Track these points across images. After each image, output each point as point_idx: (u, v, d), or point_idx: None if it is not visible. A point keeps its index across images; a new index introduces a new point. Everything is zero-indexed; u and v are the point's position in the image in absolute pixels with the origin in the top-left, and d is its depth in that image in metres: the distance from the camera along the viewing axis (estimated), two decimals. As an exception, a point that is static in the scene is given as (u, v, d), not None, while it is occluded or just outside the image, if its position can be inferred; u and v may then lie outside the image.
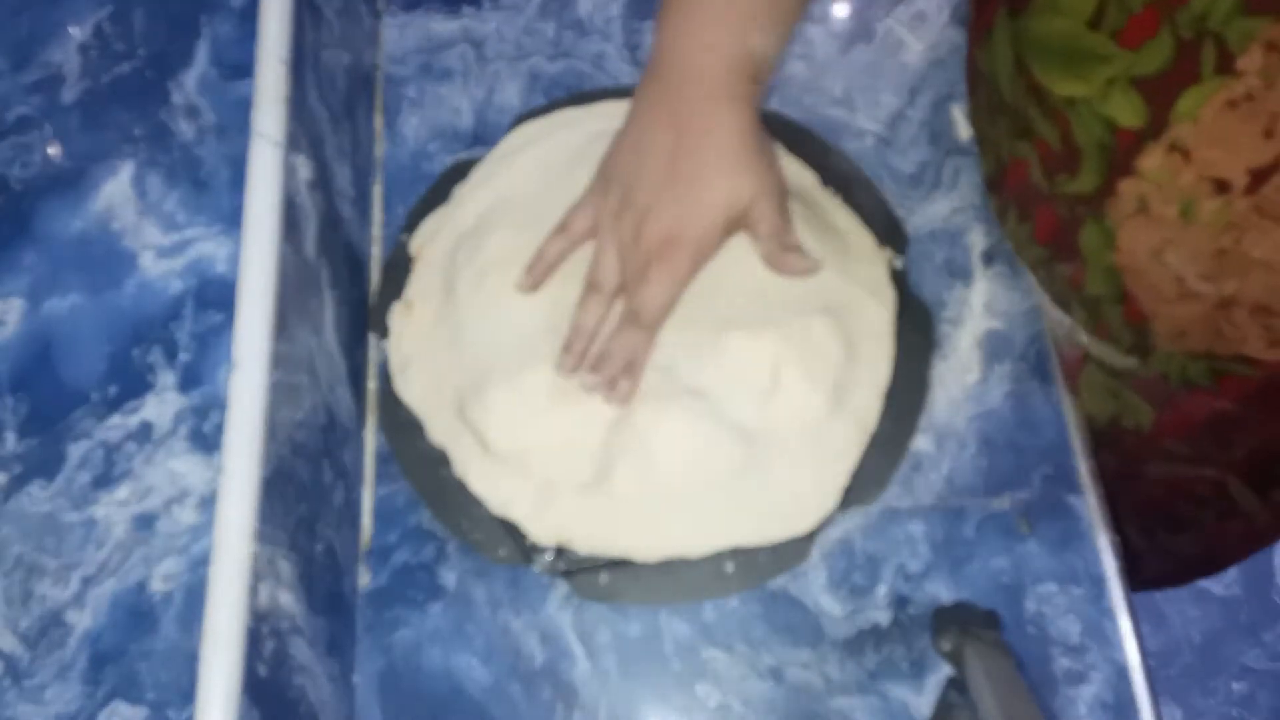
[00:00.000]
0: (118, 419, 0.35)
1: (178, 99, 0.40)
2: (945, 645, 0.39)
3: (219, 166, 0.39)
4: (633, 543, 0.42)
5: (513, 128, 0.50)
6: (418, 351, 0.46)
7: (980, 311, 0.47)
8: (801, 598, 0.42)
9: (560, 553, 0.42)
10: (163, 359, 0.36)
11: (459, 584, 0.43)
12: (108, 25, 0.42)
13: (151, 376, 0.35)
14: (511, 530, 0.42)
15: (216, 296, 0.36)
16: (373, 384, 0.47)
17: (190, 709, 0.31)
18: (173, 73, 0.41)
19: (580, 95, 0.52)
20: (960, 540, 0.43)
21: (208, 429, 0.34)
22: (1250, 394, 0.40)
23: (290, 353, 0.38)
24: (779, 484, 0.42)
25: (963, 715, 0.38)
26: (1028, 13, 0.35)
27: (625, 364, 0.42)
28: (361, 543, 0.44)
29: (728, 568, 0.42)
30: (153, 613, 0.32)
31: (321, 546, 0.39)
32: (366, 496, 0.45)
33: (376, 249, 0.50)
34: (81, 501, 0.34)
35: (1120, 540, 0.43)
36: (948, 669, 0.40)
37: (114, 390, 0.35)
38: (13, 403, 0.35)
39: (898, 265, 0.47)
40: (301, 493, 0.38)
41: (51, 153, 0.39)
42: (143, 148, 0.39)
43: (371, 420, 0.46)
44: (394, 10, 0.55)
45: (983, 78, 0.42)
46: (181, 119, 0.40)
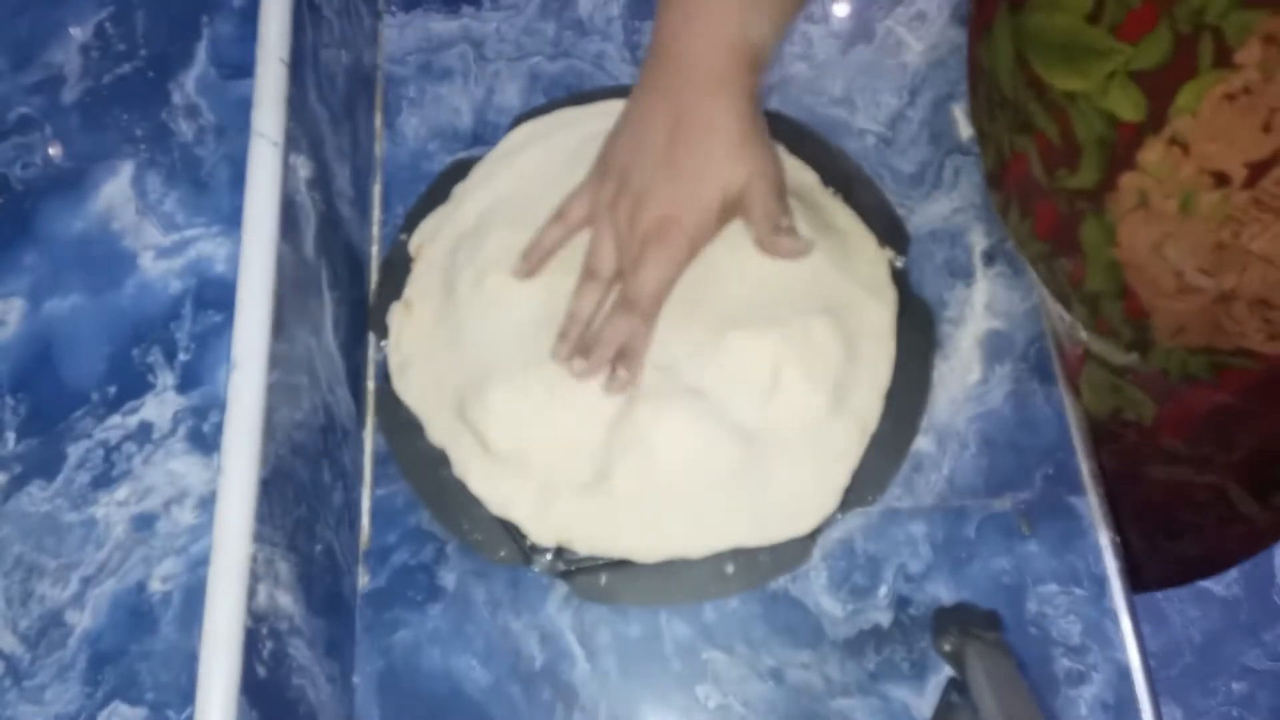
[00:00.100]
0: (117, 419, 0.35)
1: (178, 99, 0.40)
2: (946, 646, 0.39)
3: (219, 166, 0.39)
4: (633, 543, 0.42)
5: (513, 127, 0.50)
6: (417, 351, 0.46)
7: (981, 311, 0.47)
8: (802, 598, 0.42)
9: (560, 553, 0.42)
10: (162, 359, 0.36)
11: (458, 585, 0.43)
12: (108, 25, 0.42)
13: (151, 377, 0.35)
14: (511, 531, 0.42)
15: (216, 296, 0.36)
16: (372, 384, 0.47)
17: (190, 709, 0.31)
18: (173, 73, 0.41)
19: (580, 95, 0.52)
20: (961, 541, 0.42)
21: (207, 429, 0.34)
22: (1251, 387, 0.40)
23: (289, 353, 0.38)
24: (779, 484, 0.42)
25: (964, 716, 0.37)
26: (1028, 8, 0.35)
27: (620, 350, 0.42)
28: (361, 543, 0.44)
29: (728, 568, 0.42)
30: (152, 613, 0.32)
31: (320, 547, 0.39)
32: (366, 497, 0.45)
33: (376, 249, 0.50)
34: (81, 502, 0.34)
35: (1121, 542, 0.43)
36: (949, 670, 0.40)
37: (113, 390, 0.35)
38: (13, 403, 0.35)
39: (899, 265, 0.47)
40: (300, 493, 0.38)
41: (52, 153, 0.39)
42: (143, 148, 0.39)
43: (371, 421, 0.46)
44: (394, 10, 0.55)
45: (983, 74, 0.42)
46: (182, 119, 0.40)
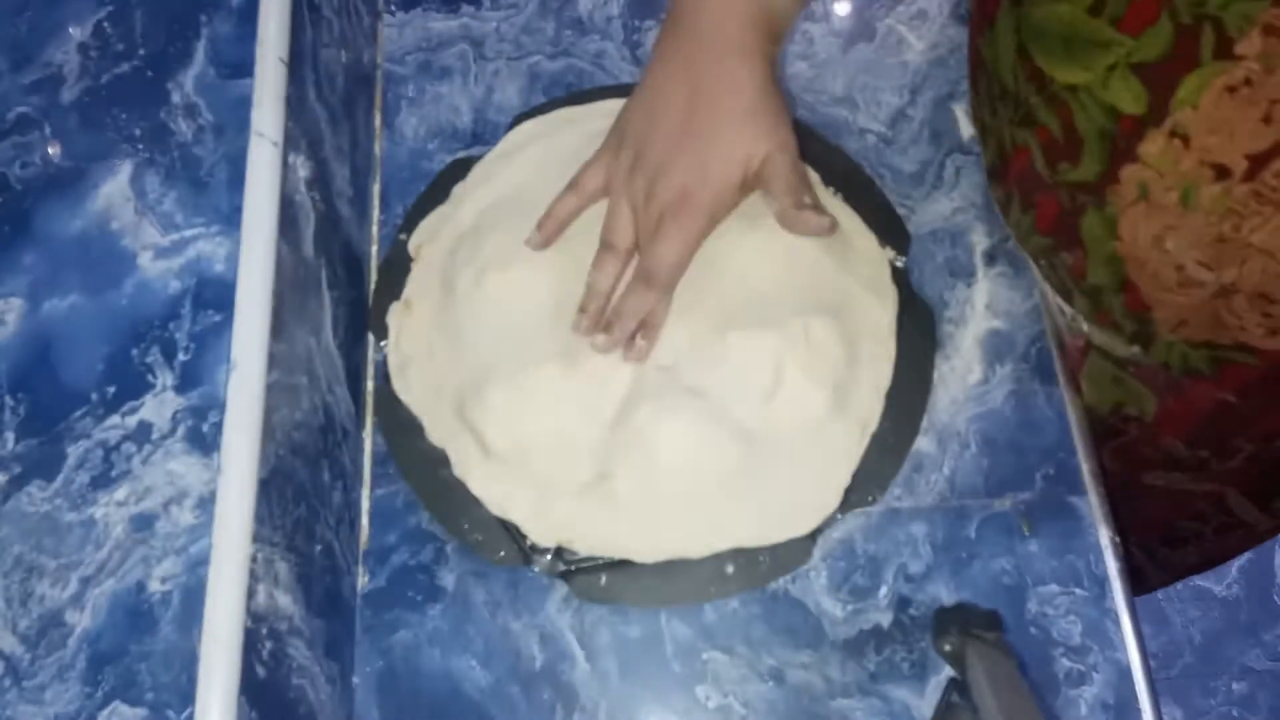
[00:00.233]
0: (116, 419, 0.35)
1: (177, 99, 0.40)
2: (947, 646, 0.39)
3: (218, 166, 0.39)
4: (633, 544, 0.41)
5: (512, 127, 0.50)
6: (417, 351, 0.45)
7: (982, 311, 0.47)
8: (802, 599, 0.42)
9: (560, 554, 0.42)
10: (161, 359, 0.36)
11: (458, 585, 0.43)
12: (107, 25, 0.42)
13: (150, 377, 0.35)
14: (511, 531, 0.42)
15: (215, 296, 0.36)
16: (371, 384, 0.47)
17: (190, 710, 0.31)
18: (172, 72, 0.40)
19: (580, 94, 0.52)
20: (962, 541, 0.42)
21: (206, 429, 0.34)
22: (1250, 385, 0.40)
23: (289, 353, 0.37)
24: (780, 484, 0.42)
25: (964, 716, 0.37)
26: (1030, 1, 0.35)
27: (639, 323, 0.42)
28: (360, 544, 0.44)
29: (728, 569, 0.42)
30: (152, 613, 0.32)
31: (320, 547, 0.39)
32: (365, 497, 0.44)
33: (375, 248, 0.50)
34: (80, 502, 0.34)
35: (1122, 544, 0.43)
36: (949, 670, 0.40)
37: (113, 390, 0.35)
38: (12, 403, 0.35)
39: (899, 264, 0.47)
40: (300, 494, 0.38)
41: (51, 152, 0.39)
42: (142, 147, 0.39)
43: (370, 421, 0.46)
44: (393, 9, 0.55)
45: (985, 67, 0.42)
46: (180, 118, 0.40)
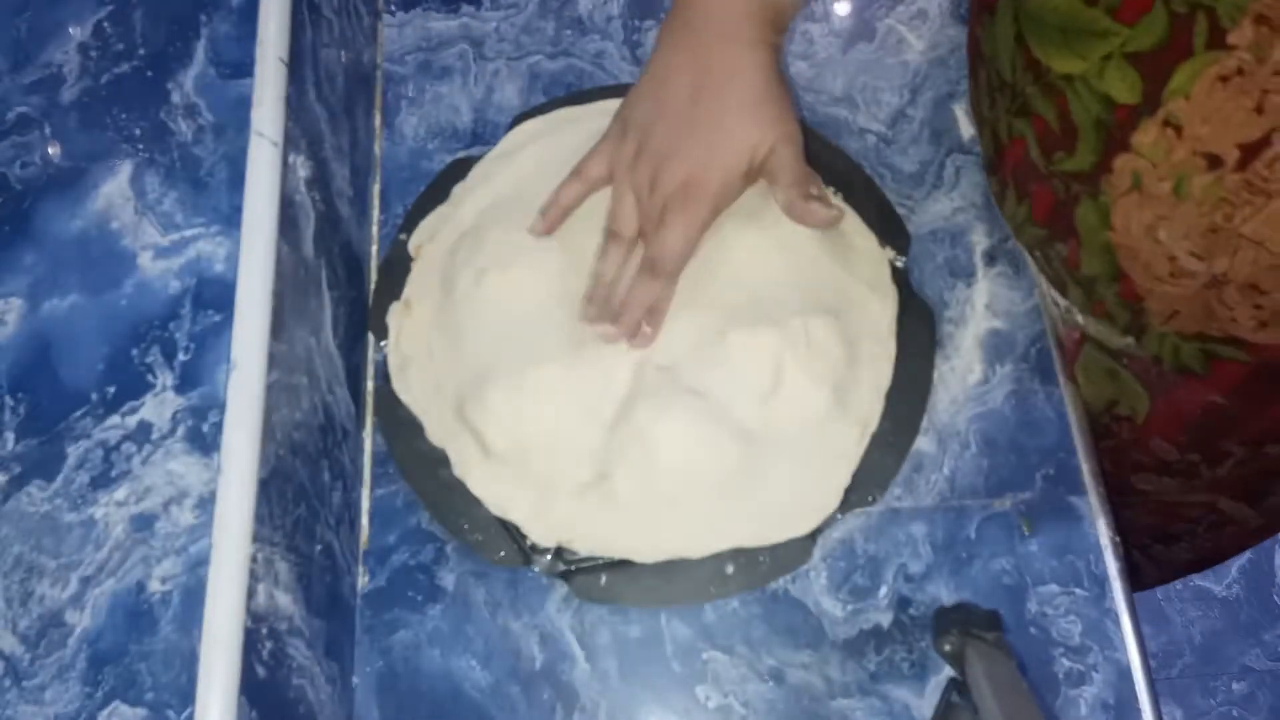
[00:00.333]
0: (116, 419, 0.35)
1: (177, 98, 0.40)
2: (947, 646, 0.39)
3: (218, 166, 0.39)
4: (633, 544, 0.41)
5: (512, 126, 0.50)
6: (416, 351, 0.45)
7: (982, 311, 0.47)
8: (802, 599, 0.42)
9: (560, 554, 0.42)
10: (161, 359, 0.36)
11: (458, 585, 0.43)
12: (107, 25, 0.41)
13: (150, 377, 0.35)
14: (511, 531, 0.42)
15: (215, 296, 0.36)
16: (371, 384, 0.47)
17: (190, 710, 0.31)
18: (172, 72, 0.40)
19: (580, 94, 0.52)
20: (962, 541, 0.42)
21: (206, 429, 0.34)
22: (1240, 383, 0.40)
23: (289, 353, 0.37)
24: (780, 484, 0.42)
25: (964, 716, 0.37)
26: None
27: (646, 312, 0.42)
28: (360, 544, 0.44)
29: (728, 569, 0.42)
30: (152, 613, 0.32)
31: (320, 547, 0.39)
32: (365, 497, 0.44)
33: (375, 248, 0.50)
34: (80, 502, 0.34)
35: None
36: (949, 670, 0.40)
37: (113, 390, 0.35)
38: (12, 403, 0.35)
39: (899, 264, 0.47)
40: (300, 494, 0.38)
41: (51, 152, 0.39)
42: (142, 147, 0.39)
43: (370, 421, 0.46)
44: (393, 9, 0.54)
45: (983, 59, 0.42)
46: (180, 118, 0.40)
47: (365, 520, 0.44)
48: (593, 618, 0.42)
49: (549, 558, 0.42)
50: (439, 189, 0.49)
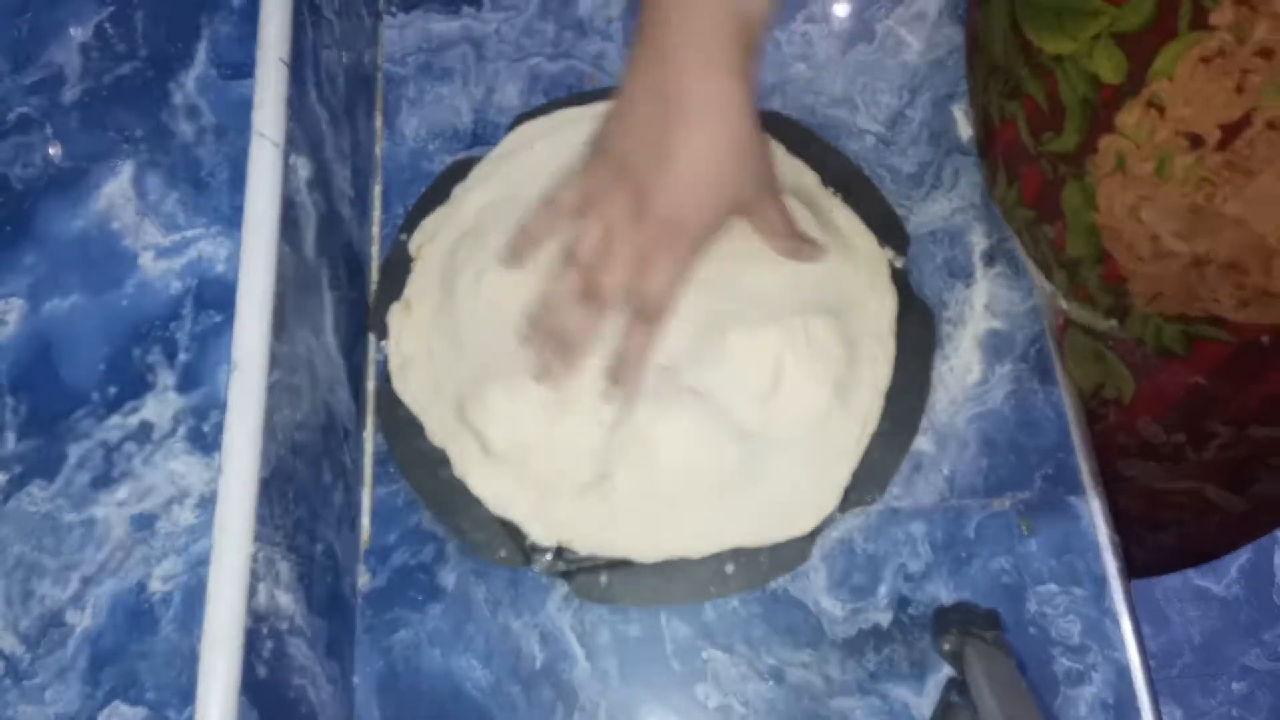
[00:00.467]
0: (117, 419, 0.35)
1: (178, 99, 0.40)
2: (946, 645, 0.39)
3: (219, 167, 0.39)
4: (633, 543, 0.42)
5: (512, 127, 0.50)
6: (417, 351, 0.45)
7: (981, 311, 0.47)
8: (802, 598, 0.42)
9: (560, 553, 0.42)
10: (162, 359, 0.36)
11: (458, 585, 0.43)
12: (108, 26, 0.42)
13: (151, 377, 0.35)
14: (511, 531, 0.42)
15: (216, 296, 0.36)
16: (372, 384, 0.47)
17: (190, 709, 0.31)
18: (173, 73, 0.40)
19: (580, 95, 0.52)
20: (961, 540, 0.43)
21: (207, 429, 0.34)
22: (1221, 364, 0.40)
23: (290, 353, 0.38)
24: (779, 484, 0.42)
25: (964, 716, 0.37)
26: None
27: (622, 357, 0.41)
28: (361, 543, 0.44)
29: (728, 568, 0.42)
30: (152, 613, 0.32)
31: (321, 547, 0.39)
32: (366, 497, 0.45)
33: (376, 249, 0.50)
34: (81, 502, 0.34)
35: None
36: (948, 669, 0.40)
37: (113, 390, 0.35)
38: (13, 403, 0.35)
39: (899, 265, 0.47)
40: (300, 493, 0.38)
41: (52, 153, 0.39)
42: (143, 148, 0.39)
43: (371, 420, 0.46)
44: (394, 10, 0.55)
45: (979, 43, 0.42)
46: (182, 119, 0.40)
47: (366, 520, 0.44)
48: (593, 617, 0.42)
49: (549, 557, 0.42)
50: (439, 190, 0.49)
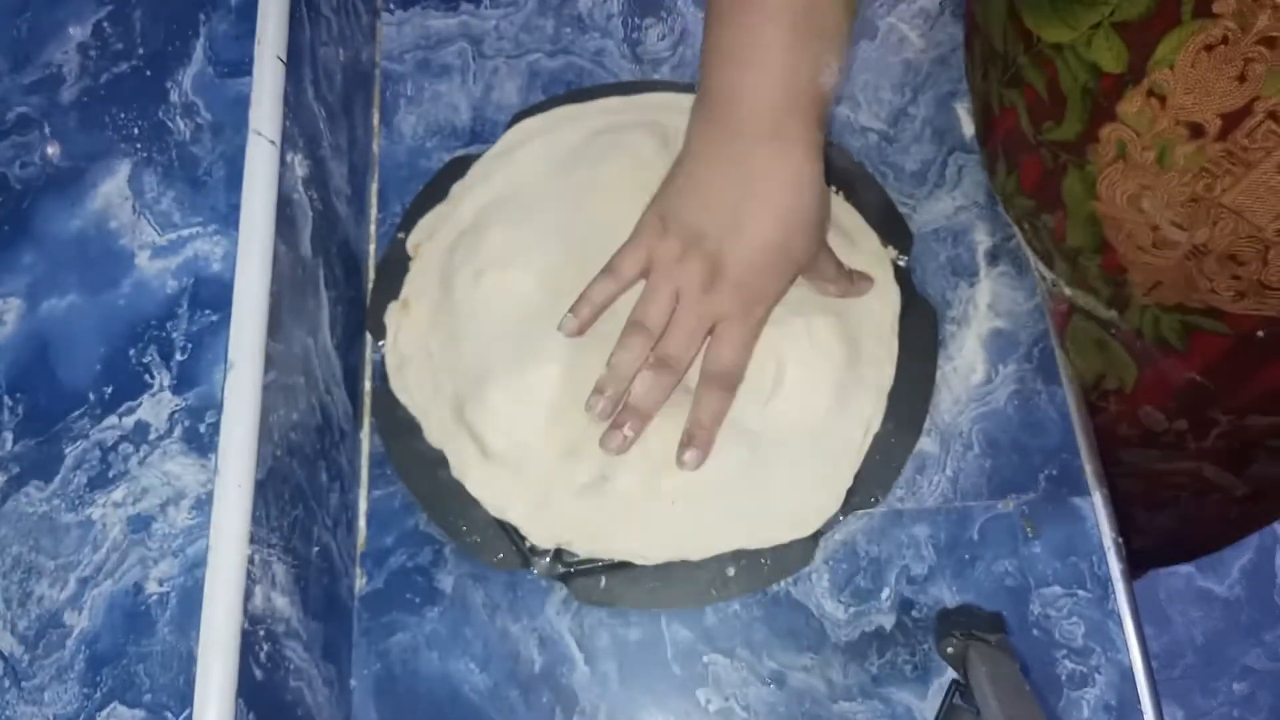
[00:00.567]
0: (114, 420, 0.35)
1: (175, 98, 0.40)
2: (949, 648, 0.39)
3: (216, 165, 0.38)
4: (633, 546, 0.41)
5: (511, 125, 0.50)
6: (415, 351, 0.45)
7: (985, 311, 0.46)
8: (804, 601, 0.42)
9: (559, 556, 0.42)
10: (159, 359, 0.35)
11: (456, 587, 0.42)
12: (106, 25, 0.41)
13: (148, 377, 0.35)
14: (510, 533, 0.42)
15: (212, 296, 0.36)
16: (369, 384, 0.46)
17: (188, 711, 0.30)
18: (171, 71, 0.40)
19: (579, 92, 0.51)
20: (965, 543, 0.42)
21: (203, 430, 0.34)
22: (1218, 359, 0.40)
23: (286, 353, 0.37)
24: (781, 486, 0.42)
25: (967, 719, 0.37)
26: None
27: (714, 426, 0.41)
28: (358, 545, 0.43)
29: (729, 571, 0.41)
30: (149, 614, 0.32)
31: (317, 549, 0.39)
32: (363, 499, 0.44)
33: (373, 247, 0.49)
34: (78, 503, 0.34)
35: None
36: (952, 672, 0.40)
37: (110, 391, 0.35)
38: (10, 403, 0.35)
39: (901, 264, 0.47)
40: (297, 495, 0.37)
41: (50, 152, 0.39)
42: (140, 147, 0.39)
43: (368, 421, 0.46)
44: (392, 7, 0.54)
45: (978, 30, 0.42)
46: (179, 118, 0.39)
47: (363, 522, 0.44)
48: (592, 620, 0.42)
49: (548, 560, 0.42)
50: (437, 187, 0.49)
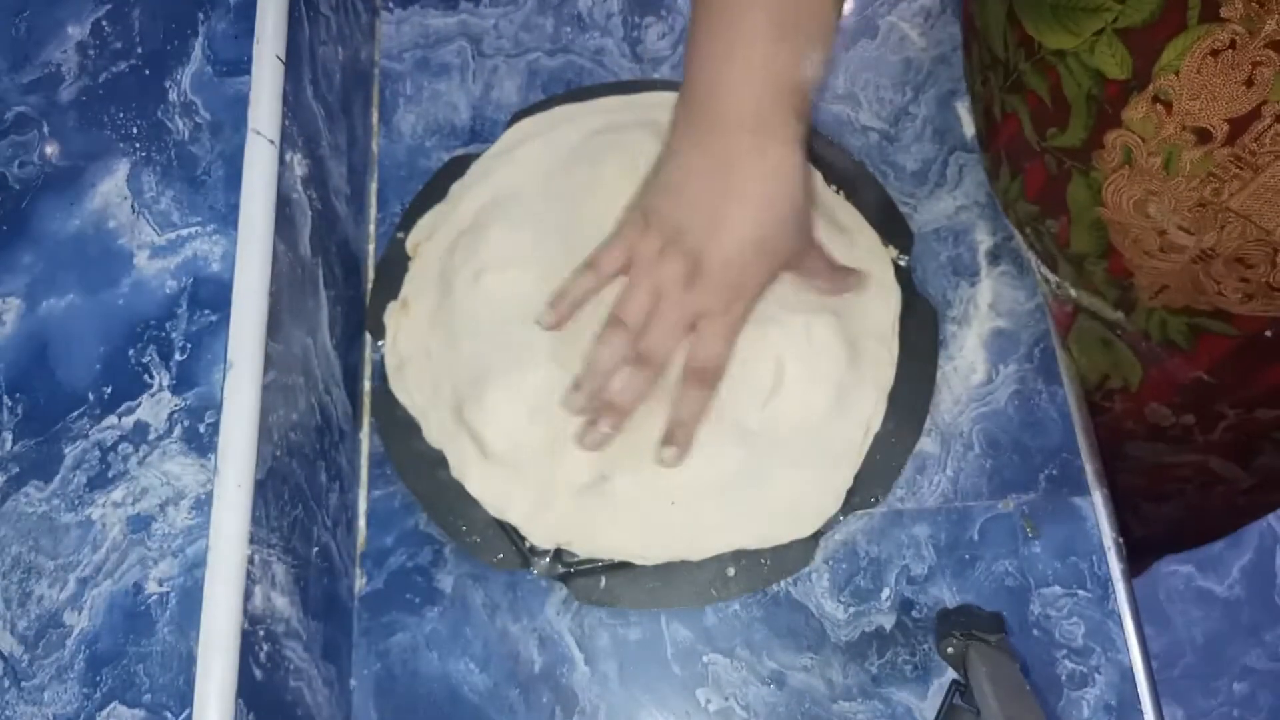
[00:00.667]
0: (113, 420, 0.35)
1: (174, 97, 0.40)
2: (949, 648, 0.39)
3: (214, 164, 0.38)
4: (633, 545, 0.41)
5: (511, 124, 0.50)
6: (414, 351, 0.45)
7: (986, 310, 0.46)
8: (804, 601, 0.42)
9: (559, 556, 0.42)
10: (158, 359, 0.35)
11: (456, 588, 0.42)
12: (105, 24, 0.41)
13: (147, 377, 0.35)
14: (510, 533, 0.42)
15: (211, 295, 0.36)
16: (369, 384, 0.46)
17: (187, 711, 0.30)
18: (169, 71, 0.40)
19: (579, 91, 0.51)
20: (965, 543, 0.42)
21: (203, 430, 0.34)
22: (1225, 358, 0.40)
23: (285, 353, 0.37)
24: (781, 486, 0.42)
25: (967, 719, 0.37)
26: None
27: (694, 423, 0.41)
28: (358, 545, 0.43)
29: (729, 571, 0.41)
30: (149, 615, 0.32)
31: (317, 549, 0.39)
32: (362, 499, 0.44)
33: (372, 247, 0.49)
34: (78, 503, 0.34)
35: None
36: (952, 672, 0.40)
37: (109, 391, 0.35)
38: (10, 403, 0.35)
39: (902, 263, 0.47)
40: (297, 495, 0.37)
41: (49, 152, 0.39)
42: (139, 146, 0.39)
43: (367, 421, 0.46)
44: (391, 6, 0.54)
45: (977, 34, 0.42)
46: (178, 117, 0.39)
47: (362, 522, 0.44)
48: (592, 620, 0.42)
49: (548, 560, 0.42)
50: (437, 187, 0.49)
